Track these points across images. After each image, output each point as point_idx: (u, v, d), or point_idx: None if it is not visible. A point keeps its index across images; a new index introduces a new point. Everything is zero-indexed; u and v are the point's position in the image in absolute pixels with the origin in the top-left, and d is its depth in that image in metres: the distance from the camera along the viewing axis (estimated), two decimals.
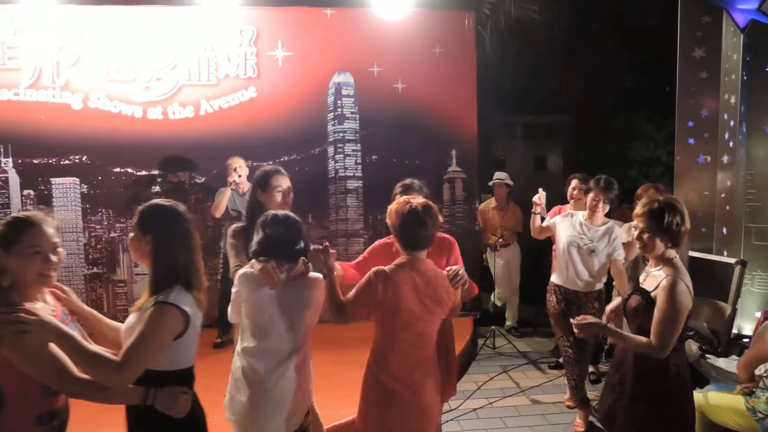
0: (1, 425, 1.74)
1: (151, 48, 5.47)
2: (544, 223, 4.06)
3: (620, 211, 4.92)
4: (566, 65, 7.29)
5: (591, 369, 4.66)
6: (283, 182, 2.87)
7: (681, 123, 5.15)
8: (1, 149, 5.36)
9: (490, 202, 6.02)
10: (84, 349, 1.75)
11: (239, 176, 4.89)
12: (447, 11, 5.90)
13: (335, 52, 5.75)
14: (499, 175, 5.95)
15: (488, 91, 6.38)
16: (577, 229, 3.82)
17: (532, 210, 4.10)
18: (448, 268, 2.46)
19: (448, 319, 2.59)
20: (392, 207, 2.42)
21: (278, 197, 2.83)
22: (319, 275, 2.38)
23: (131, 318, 1.91)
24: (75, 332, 1.81)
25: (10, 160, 5.39)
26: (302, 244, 2.33)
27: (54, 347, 1.75)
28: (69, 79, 5.39)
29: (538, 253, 5.75)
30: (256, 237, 2.32)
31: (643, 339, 2.38)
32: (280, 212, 2.40)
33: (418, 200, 2.40)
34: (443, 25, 5.89)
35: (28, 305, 1.76)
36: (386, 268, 2.34)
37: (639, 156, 8.07)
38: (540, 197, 4.06)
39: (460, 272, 2.43)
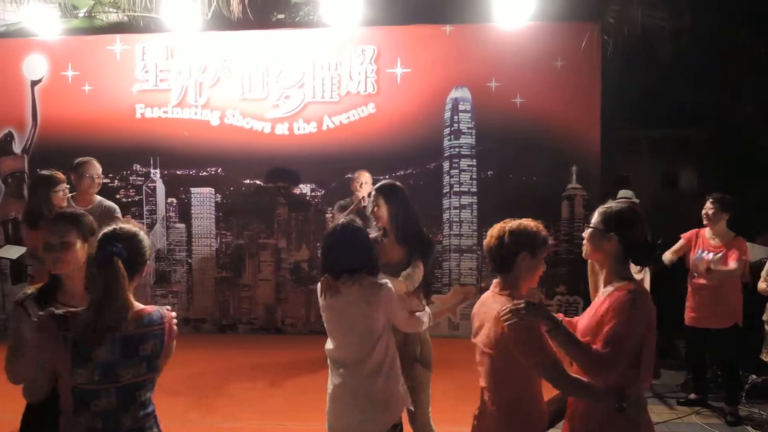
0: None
1: (281, 68, 5.87)
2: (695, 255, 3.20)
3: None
4: (703, 74, 6.71)
5: (728, 410, 4.21)
6: None
7: None
8: (152, 161, 6.03)
9: None
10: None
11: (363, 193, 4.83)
12: (569, 23, 5.70)
13: (453, 67, 5.78)
14: (624, 194, 5.58)
15: (612, 104, 6.05)
16: None
17: None
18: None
19: None
20: None
21: None
22: (385, 281, 2.41)
23: None
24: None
25: (158, 171, 6.03)
26: (342, 259, 2.37)
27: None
28: (209, 98, 5.93)
29: (670, 279, 5.30)
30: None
31: None
32: (332, 226, 2.50)
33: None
34: (565, 37, 5.69)
35: None
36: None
37: None
38: None
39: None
